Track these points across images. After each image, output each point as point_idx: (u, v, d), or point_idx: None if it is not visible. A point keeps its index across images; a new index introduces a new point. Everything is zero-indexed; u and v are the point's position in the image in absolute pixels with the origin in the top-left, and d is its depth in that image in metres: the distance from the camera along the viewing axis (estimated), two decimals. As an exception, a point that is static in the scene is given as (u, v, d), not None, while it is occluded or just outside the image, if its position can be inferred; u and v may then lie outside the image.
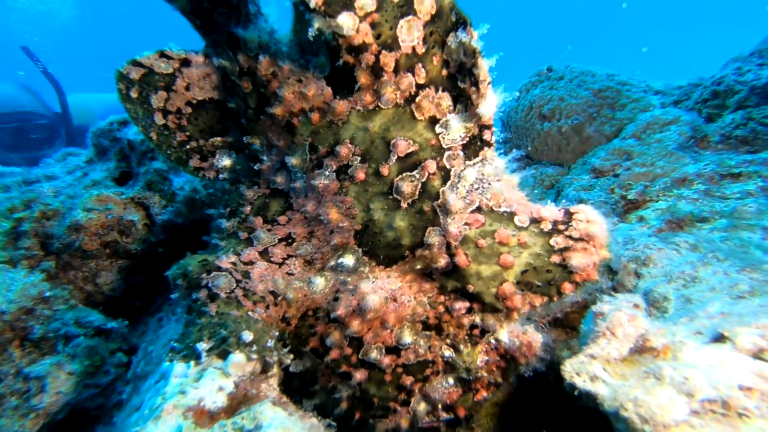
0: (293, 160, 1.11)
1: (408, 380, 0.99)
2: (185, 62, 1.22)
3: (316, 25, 0.89)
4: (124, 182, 2.28)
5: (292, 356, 1.08)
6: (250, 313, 1.08)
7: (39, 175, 2.82)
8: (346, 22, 0.88)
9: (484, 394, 0.98)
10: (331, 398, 1.06)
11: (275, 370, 1.09)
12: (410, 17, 0.91)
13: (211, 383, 0.97)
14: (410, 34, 0.91)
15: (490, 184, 0.98)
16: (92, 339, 1.70)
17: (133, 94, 1.22)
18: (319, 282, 1.07)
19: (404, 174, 1.01)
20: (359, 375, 1.00)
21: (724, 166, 2.31)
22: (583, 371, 0.95)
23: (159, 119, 1.27)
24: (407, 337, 0.98)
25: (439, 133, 0.99)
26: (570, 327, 1.42)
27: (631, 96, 2.63)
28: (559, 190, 2.46)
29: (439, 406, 0.99)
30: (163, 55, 1.21)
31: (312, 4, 0.86)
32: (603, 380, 0.94)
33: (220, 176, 1.36)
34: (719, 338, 1.05)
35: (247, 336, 1.04)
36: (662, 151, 2.40)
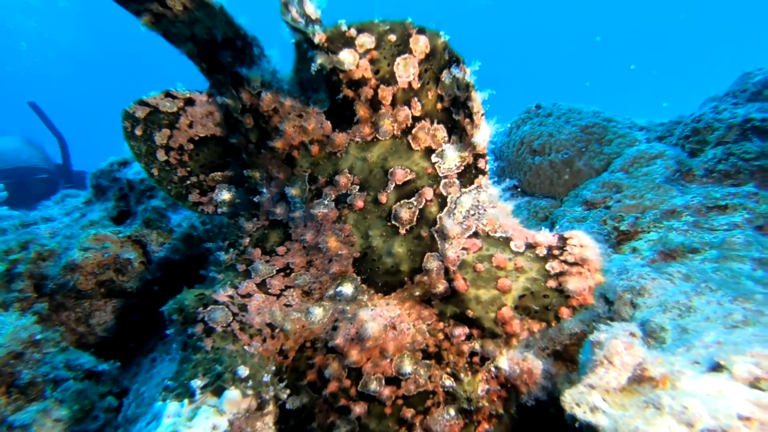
0: (293, 191, 1.14)
1: (409, 413, 0.97)
2: (189, 101, 1.28)
3: (319, 60, 0.95)
4: (122, 221, 2.29)
5: (288, 391, 1.06)
6: (246, 347, 1.06)
7: (36, 217, 2.83)
8: (347, 58, 0.94)
9: (486, 426, 0.95)
10: None
11: (271, 407, 1.06)
12: (406, 55, 0.97)
13: (204, 422, 0.94)
14: (406, 70, 0.97)
15: (485, 210, 1.00)
16: (82, 382, 1.65)
17: (138, 132, 1.27)
18: (318, 312, 1.07)
19: (402, 201, 1.03)
20: (358, 409, 0.97)
21: (711, 199, 2.38)
22: (582, 402, 0.94)
23: (161, 156, 1.31)
24: (407, 367, 0.96)
25: (435, 162, 1.03)
26: (570, 360, 1.41)
27: (617, 132, 2.73)
28: (552, 222, 2.50)
29: (441, 439, 0.96)
30: (168, 94, 1.27)
31: (316, 40, 0.92)
32: (603, 411, 0.93)
33: (219, 210, 1.38)
34: (716, 367, 1.05)
35: (243, 371, 1.03)
36: (650, 184, 2.46)
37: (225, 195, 1.36)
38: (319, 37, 0.92)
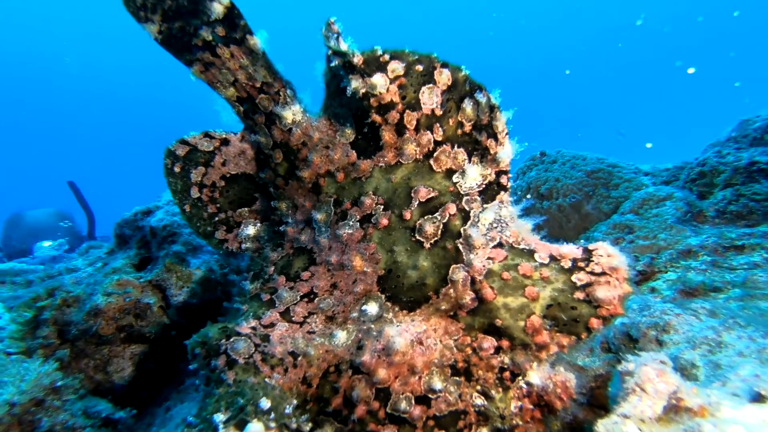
0: (318, 216, 1.18)
1: None
2: (224, 141, 1.37)
3: (353, 84, 1.03)
4: (143, 268, 2.33)
5: (310, 425, 1.02)
6: (267, 379, 1.04)
7: (61, 268, 2.90)
8: (379, 81, 1.02)
9: None
10: None
11: (292, 444, 1.02)
12: (431, 85, 1.05)
13: (227, 455, 0.91)
14: (430, 98, 1.05)
15: (507, 224, 1.03)
16: (99, 430, 1.60)
17: (177, 169, 1.35)
18: (341, 335, 1.06)
19: (426, 216, 1.06)
20: None
21: (726, 239, 2.35)
22: (617, 432, 0.90)
23: (195, 192, 1.38)
24: (437, 383, 0.93)
25: (457, 182, 1.07)
26: (598, 406, 1.33)
27: (623, 176, 2.78)
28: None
29: (475, 466, 0.90)
30: (207, 135, 1.37)
31: (355, 61, 1.01)
32: (641, 441, 0.88)
33: (243, 246, 1.41)
34: (757, 398, 1.00)
35: (265, 403, 1.00)
36: (662, 225, 2.46)
37: (250, 230, 1.40)
38: (357, 59, 1.01)
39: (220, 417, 0.99)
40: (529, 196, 2.80)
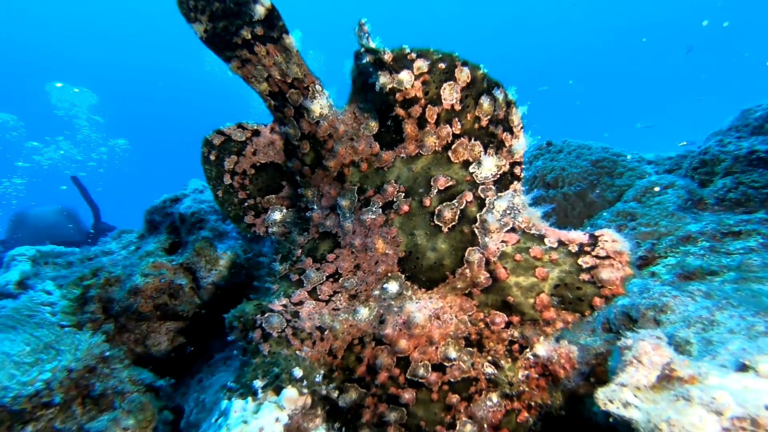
0: (343, 202, 1.23)
1: (454, 398, 0.99)
2: (256, 132, 1.43)
3: (381, 80, 1.09)
4: (174, 252, 2.43)
5: (337, 392, 1.09)
6: (297, 352, 1.13)
7: (97, 251, 3.02)
8: (405, 77, 1.08)
9: (526, 414, 0.97)
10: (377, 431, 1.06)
11: (320, 410, 1.11)
12: (451, 82, 1.10)
13: (269, 414, 1.00)
14: (451, 95, 1.10)
15: (519, 211, 1.08)
16: (144, 395, 1.72)
17: (212, 157, 1.42)
18: (364, 311, 1.12)
19: (445, 203, 1.11)
20: (407, 395, 1.00)
21: (724, 225, 2.38)
22: (615, 398, 0.97)
23: (227, 179, 1.44)
24: (452, 352, 0.99)
25: (473, 172, 1.12)
26: (599, 381, 1.41)
27: (626, 165, 2.80)
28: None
29: (485, 426, 0.97)
30: (240, 126, 1.43)
31: (386, 58, 1.07)
32: (635, 406, 0.95)
33: (270, 230, 1.47)
34: (742, 367, 1.06)
35: (298, 372, 1.09)
36: (663, 212, 2.49)
37: (277, 215, 1.47)
38: (388, 56, 1.07)
39: (258, 383, 1.08)
40: (535, 186, 2.84)
